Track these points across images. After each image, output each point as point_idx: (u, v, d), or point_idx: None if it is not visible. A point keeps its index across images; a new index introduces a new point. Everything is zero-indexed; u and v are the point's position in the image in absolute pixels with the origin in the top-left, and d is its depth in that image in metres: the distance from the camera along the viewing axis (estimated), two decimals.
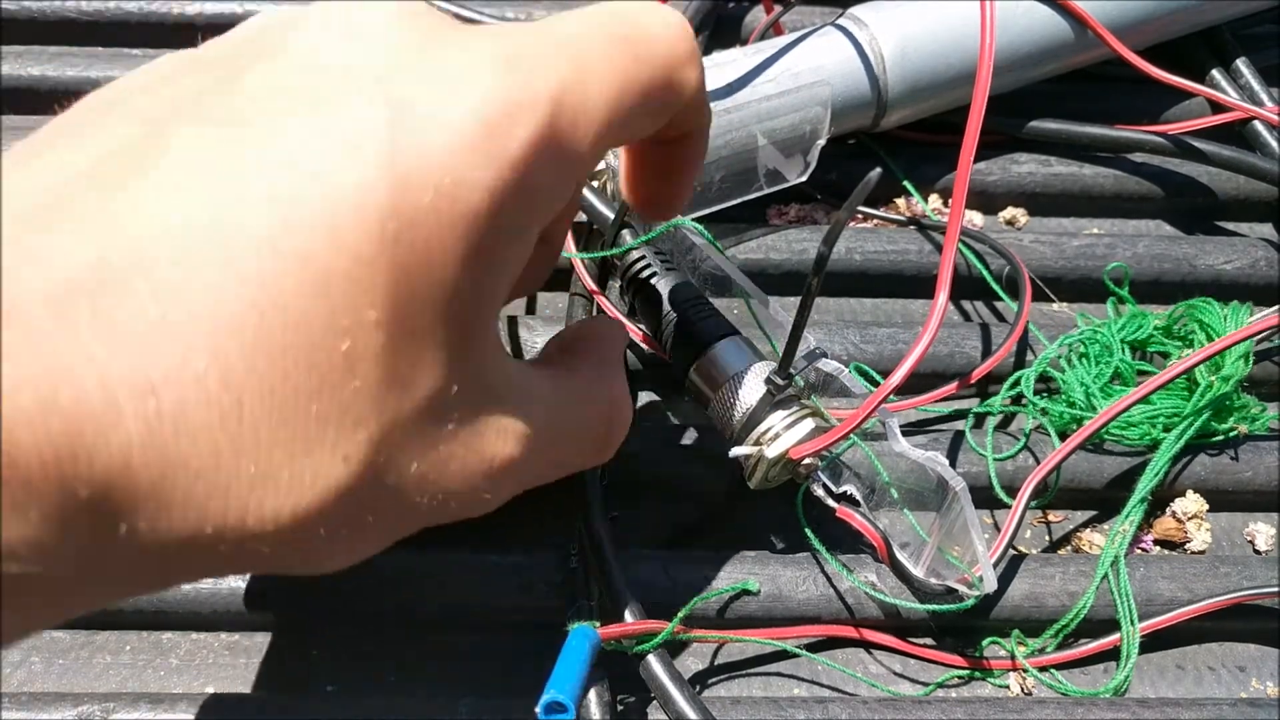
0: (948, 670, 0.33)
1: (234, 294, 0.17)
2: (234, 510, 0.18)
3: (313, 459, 0.18)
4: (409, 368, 0.19)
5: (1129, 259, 0.42)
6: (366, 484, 0.19)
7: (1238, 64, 0.48)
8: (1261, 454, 0.37)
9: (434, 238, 0.19)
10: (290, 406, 0.18)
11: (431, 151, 0.19)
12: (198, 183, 0.18)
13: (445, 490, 0.21)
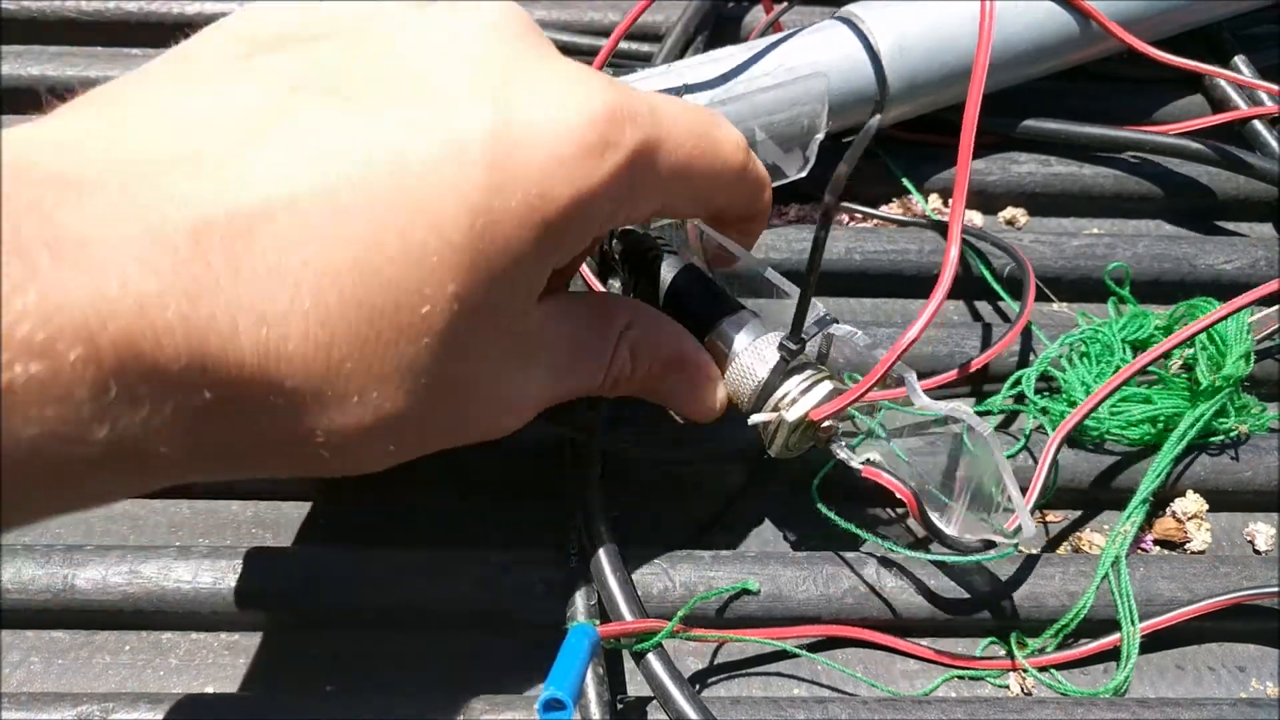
0: (948, 670, 0.33)
1: (340, 253, 0.21)
2: (313, 420, 0.22)
3: (381, 391, 0.22)
4: (469, 333, 0.23)
5: (1129, 259, 0.42)
6: (416, 416, 0.23)
7: (1237, 63, 0.48)
8: (1261, 454, 0.37)
9: (513, 236, 0.22)
10: (371, 349, 0.22)
11: (527, 163, 0.22)
12: (321, 151, 0.21)
13: (473, 421, 0.26)
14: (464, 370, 0.24)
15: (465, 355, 0.24)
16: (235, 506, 0.37)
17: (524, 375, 0.26)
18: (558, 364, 0.28)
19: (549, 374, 0.27)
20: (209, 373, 0.20)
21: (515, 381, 0.26)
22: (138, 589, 0.32)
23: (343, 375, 0.21)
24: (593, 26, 0.50)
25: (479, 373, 0.25)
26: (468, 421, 0.26)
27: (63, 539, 0.35)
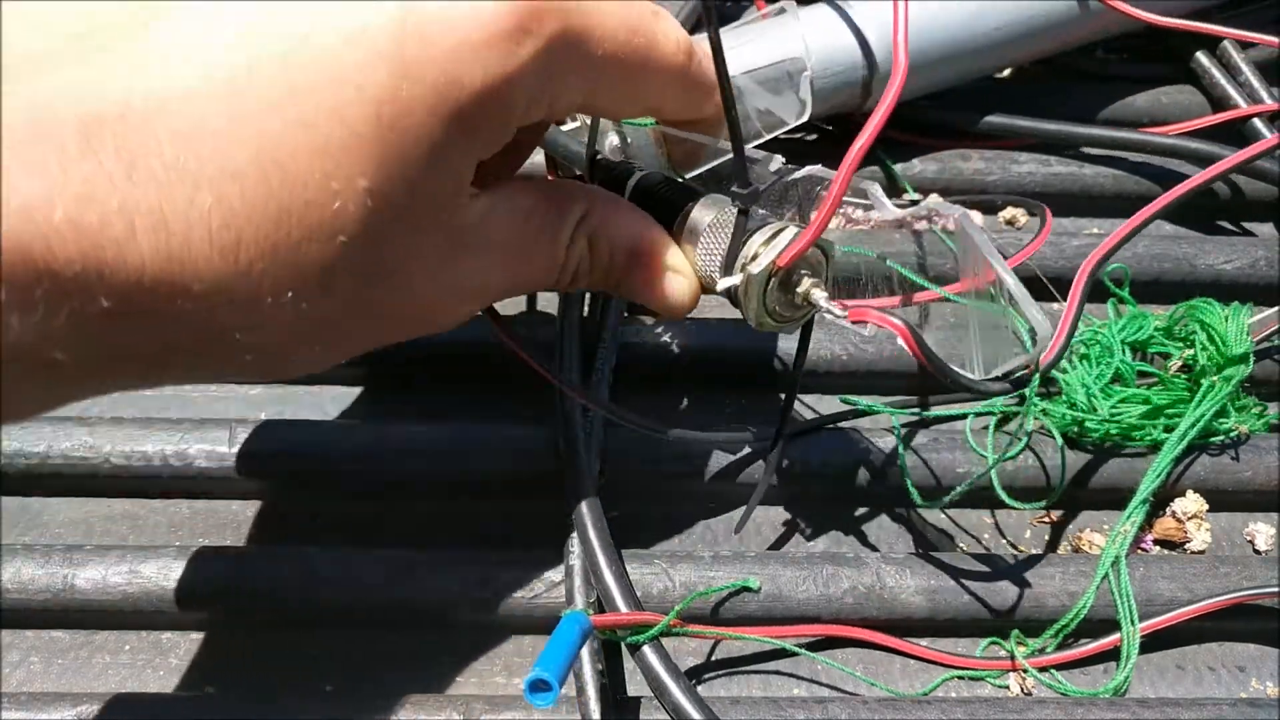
0: (947, 670, 0.33)
1: (240, 148, 0.20)
2: (228, 323, 0.21)
3: (297, 291, 0.21)
4: (391, 228, 0.22)
5: (1129, 259, 0.42)
6: (339, 314, 0.23)
7: (1237, 61, 0.48)
8: (1261, 454, 0.37)
9: (425, 124, 0.21)
10: (283, 249, 0.20)
11: (435, 48, 0.21)
12: (217, 39, 0.20)
13: (410, 318, 0.25)
14: (391, 266, 0.23)
15: (390, 250, 0.23)
16: (235, 506, 0.37)
17: (467, 268, 0.26)
18: (506, 256, 0.26)
19: (498, 266, 0.26)
20: (106, 279, 0.19)
21: (457, 275, 0.25)
22: (137, 589, 0.32)
23: (254, 277, 0.20)
24: None
25: (410, 268, 0.24)
26: (403, 318, 0.25)
27: (62, 539, 0.35)
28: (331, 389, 0.40)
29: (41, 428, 0.36)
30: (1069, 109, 0.47)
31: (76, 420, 0.37)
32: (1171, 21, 0.44)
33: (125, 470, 0.36)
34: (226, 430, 0.36)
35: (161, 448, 0.36)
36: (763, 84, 0.40)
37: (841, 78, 0.43)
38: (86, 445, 0.36)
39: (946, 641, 0.34)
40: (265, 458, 0.35)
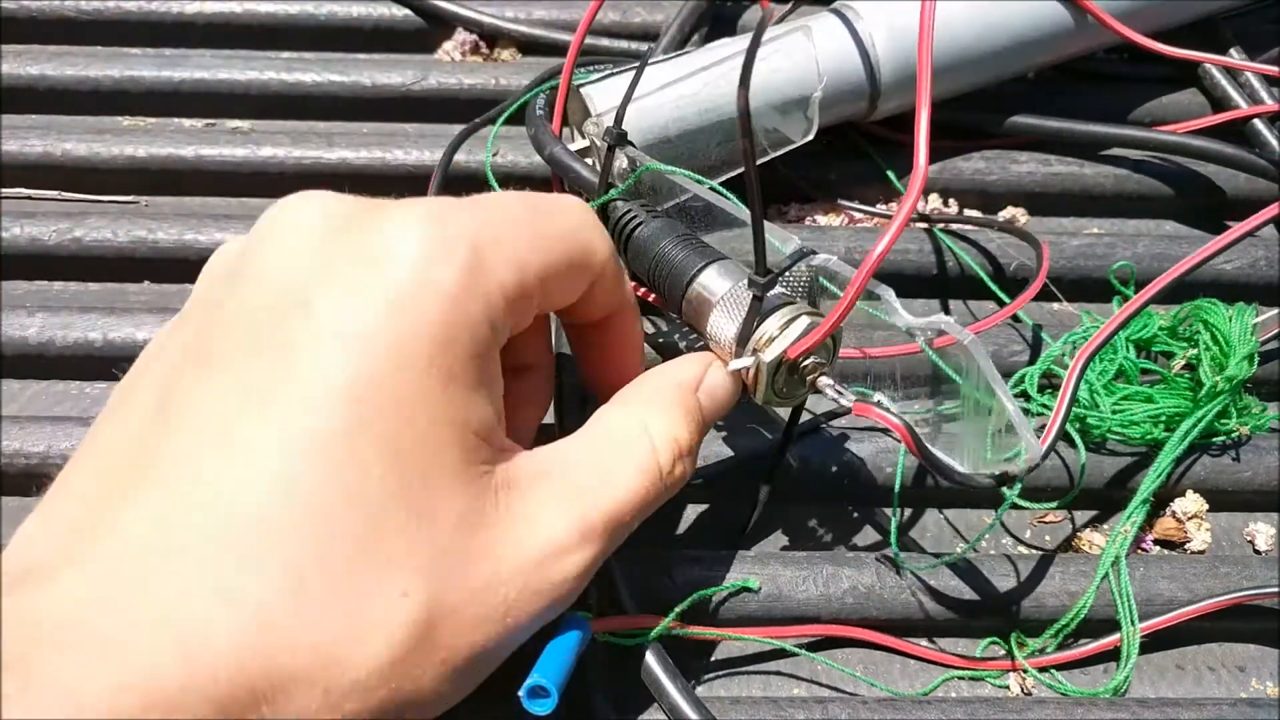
0: (947, 670, 0.33)
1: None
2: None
3: (375, 607, 0.21)
4: (427, 502, 0.22)
5: (1129, 258, 0.42)
6: (432, 615, 0.22)
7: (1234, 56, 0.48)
8: (1261, 454, 0.37)
9: (404, 396, 0.22)
10: (344, 576, 0.21)
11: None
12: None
13: (510, 596, 0.23)
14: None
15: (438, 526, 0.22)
16: None
17: (526, 517, 0.24)
18: (584, 486, 0.25)
19: (570, 505, 0.25)
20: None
21: (521, 526, 0.24)
22: None
23: (330, 617, 0.21)
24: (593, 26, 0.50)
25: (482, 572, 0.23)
26: (500, 600, 0.23)
27: None
28: None
29: (42, 427, 0.36)
30: (1070, 109, 0.47)
31: (77, 420, 0.37)
32: (1175, 51, 0.44)
33: None
34: None
35: None
36: (773, 105, 0.40)
37: (848, 91, 0.43)
38: None
39: (946, 642, 0.34)
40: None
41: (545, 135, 0.39)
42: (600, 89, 0.39)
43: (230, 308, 0.23)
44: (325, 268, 0.22)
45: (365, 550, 0.21)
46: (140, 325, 0.39)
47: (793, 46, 0.41)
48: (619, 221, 0.33)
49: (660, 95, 0.39)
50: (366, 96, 0.47)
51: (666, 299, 0.32)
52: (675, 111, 0.39)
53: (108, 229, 0.42)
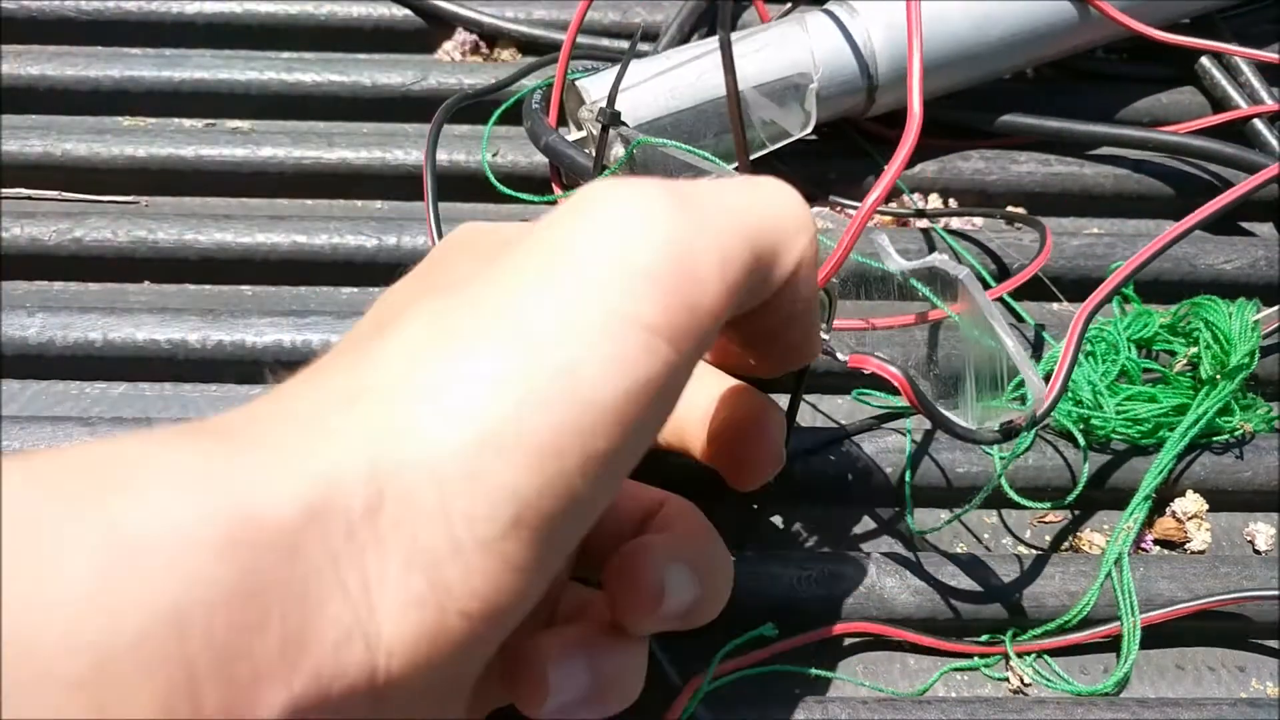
0: (946, 661, 0.33)
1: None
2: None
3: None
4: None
5: (1129, 258, 0.42)
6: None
7: (1237, 61, 0.48)
8: (1261, 454, 0.37)
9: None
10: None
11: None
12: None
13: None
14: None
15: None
16: None
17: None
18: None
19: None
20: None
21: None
22: None
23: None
24: (592, 26, 0.50)
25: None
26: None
27: None
28: None
29: (42, 428, 0.36)
30: (1069, 108, 0.47)
31: (77, 420, 0.37)
32: (1174, 38, 0.44)
33: None
34: None
35: None
36: (769, 96, 0.40)
37: (846, 86, 0.42)
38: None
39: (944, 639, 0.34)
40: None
41: (541, 127, 0.39)
42: (594, 81, 0.39)
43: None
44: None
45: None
46: (140, 325, 0.39)
47: (785, 37, 0.41)
48: None
49: (655, 85, 0.39)
50: (366, 96, 0.47)
51: None
52: (670, 101, 0.39)
53: (108, 229, 0.42)
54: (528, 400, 0.17)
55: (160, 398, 0.39)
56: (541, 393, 0.17)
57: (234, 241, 0.42)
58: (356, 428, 0.17)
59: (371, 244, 0.42)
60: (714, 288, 0.19)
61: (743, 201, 0.21)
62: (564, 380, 0.17)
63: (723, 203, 0.20)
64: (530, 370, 0.17)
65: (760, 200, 0.22)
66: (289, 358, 0.39)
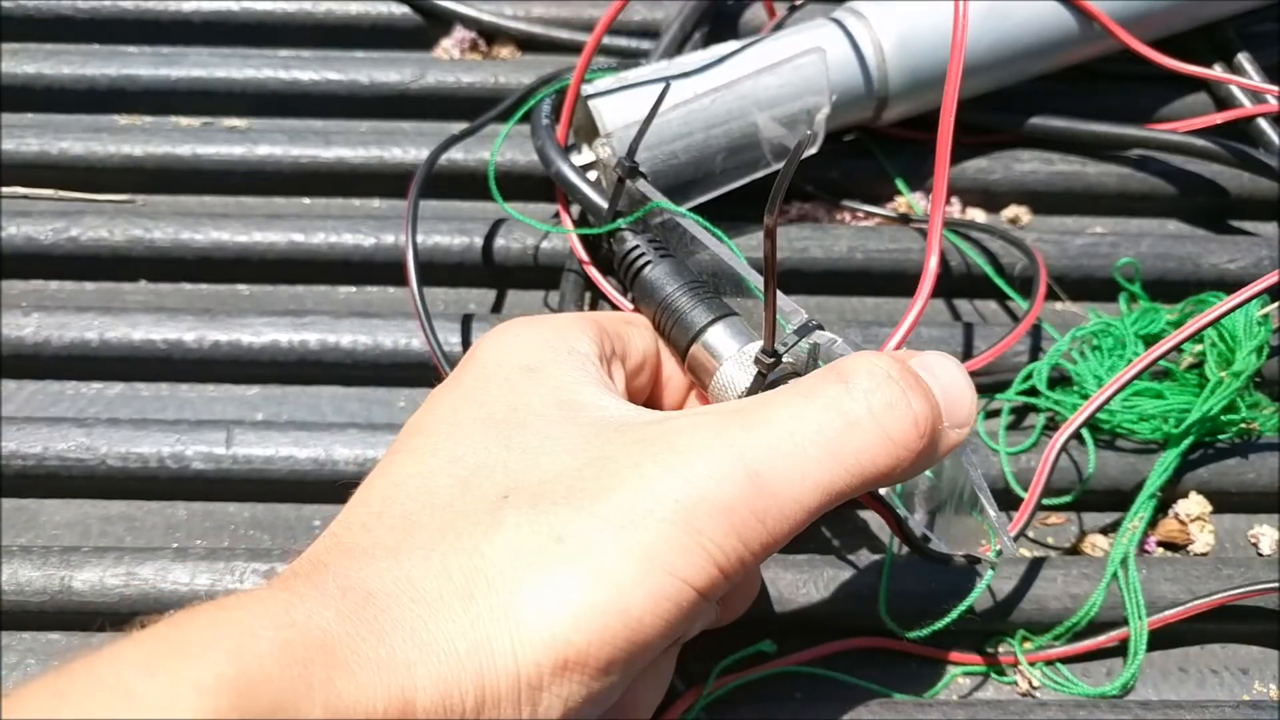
0: (953, 668, 0.33)
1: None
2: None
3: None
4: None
5: (1132, 257, 0.42)
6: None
7: (1241, 61, 0.48)
8: (1266, 456, 0.37)
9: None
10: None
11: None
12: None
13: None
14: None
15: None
16: (232, 508, 0.36)
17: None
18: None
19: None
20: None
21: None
22: (134, 591, 0.32)
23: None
24: (592, 24, 0.49)
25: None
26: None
27: (59, 540, 0.35)
28: (328, 389, 0.39)
29: (38, 428, 0.36)
30: (1072, 108, 0.46)
31: (73, 421, 0.36)
32: (1183, 67, 0.43)
33: (122, 472, 0.35)
34: (224, 432, 0.36)
35: (158, 449, 0.36)
36: (781, 120, 0.40)
37: (856, 99, 0.42)
38: (83, 446, 0.36)
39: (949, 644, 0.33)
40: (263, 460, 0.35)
41: (551, 150, 0.38)
42: (609, 103, 0.38)
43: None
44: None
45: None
46: (137, 325, 0.39)
47: (807, 68, 0.40)
48: (626, 256, 0.33)
49: (668, 113, 0.38)
50: (364, 94, 0.47)
51: (670, 341, 0.32)
52: (682, 128, 0.38)
53: (104, 228, 0.42)
54: (597, 637, 0.22)
55: (157, 398, 0.39)
56: (609, 631, 0.22)
57: (231, 240, 0.41)
58: (471, 630, 0.21)
59: (369, 243, 0.42)
60: (755, 559, 0.23)
61: (826, 458, 0.24)
62: (625, 624, 0.22)
63: (801, 478, 0.23)
64: (603, 610, 0.22)
65: (851, 448, 0.24)
66: (285, 358, 0.39)
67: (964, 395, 0.26)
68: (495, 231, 0.42)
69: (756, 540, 0.23)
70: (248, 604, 0.21)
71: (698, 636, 0.28)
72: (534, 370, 0.26)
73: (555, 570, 0.22)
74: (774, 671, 0.32)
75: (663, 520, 0.22)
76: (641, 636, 0.22)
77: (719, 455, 0.23)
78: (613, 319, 0.30)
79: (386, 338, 0.39)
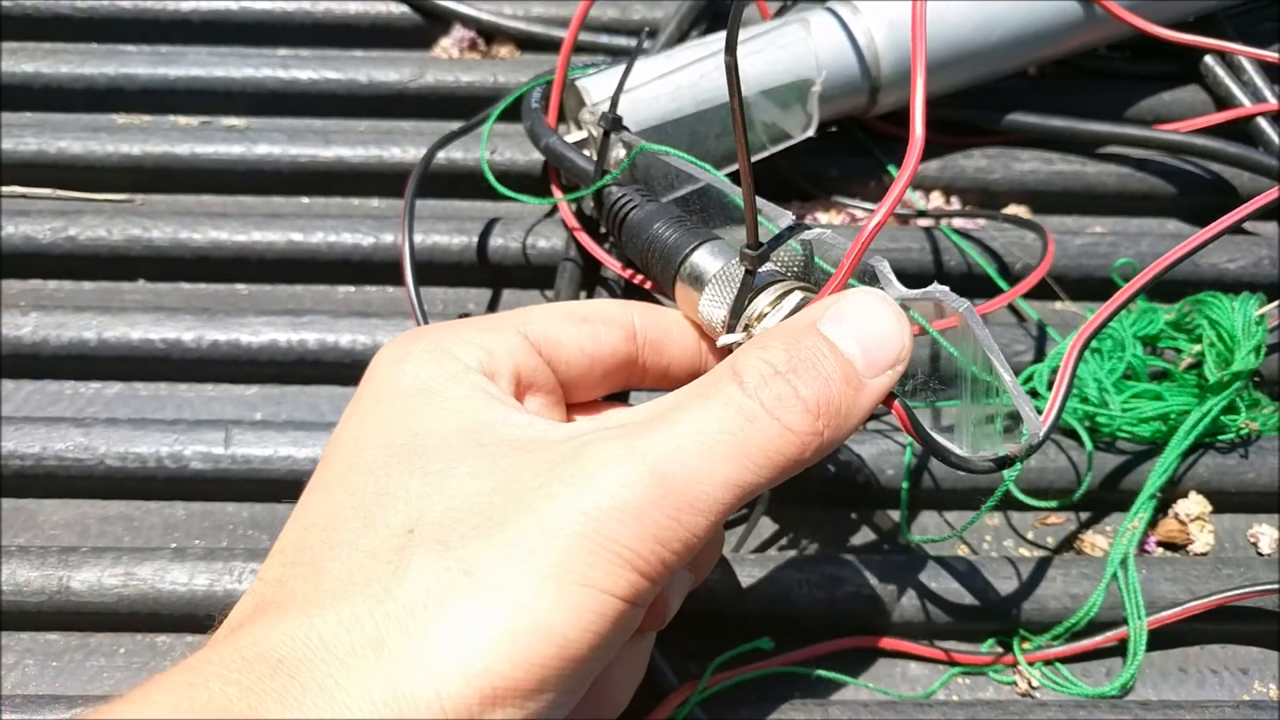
0: (951, 668, 0.33)
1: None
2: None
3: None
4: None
5: (1132, 257, 0.42)
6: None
7: (1240, 59, 0.48)
8: (1265, 455, 0.36)
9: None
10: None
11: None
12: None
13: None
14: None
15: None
16: (230, 508, 0.36)
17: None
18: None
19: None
20: None
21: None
22: (133, 591, 0.32)
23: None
24: (591, 22, 0.49)
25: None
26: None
27: (57, 541, 0.35)
28: (327, 389, 0.39)
29: (36, 429, 0.36)
30: (1072, 107, 0.46)
31: (72, 421, 0.36)
32: (1179, 36, 0.43)
33: (120, 471, 0.35)
34: (222, 431, 0.36)
35: (157, 449, 0.36)
36: (772, 99, 0.40)
37: (849, 86, 0.42)
38: (82, 446, 0.35)
39: (948, 644, 0.33)
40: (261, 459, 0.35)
41: (541, 127, 0.39)
42: (595, 81, 0.39)
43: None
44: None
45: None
46: (135, 324, 0.39)
47: (789, 39, 0.40)
48: (613, 206, 0.33)
49: (656, 86, 0.39)
50: (363, 93, 0.47)
51: (659, 281, 0.31)
52: (671, 103, 0.39)
53: (102, 227, 0.41)
54: (522, 662, 0.22)
55: (155, 398, 0.39)
56: (533, 654, 0.22)
57: (229, 240, 0.41)
58: (387, 682, 0.21)
59: (368, 242, 0.42)
60: (678, 559, 0.23)
61: (732, 455, 0.24)
62: (549, 644, 0.22)
63: (710, 475, 0.23)
64: (524, 634, 0.22)
65: (754, 443, 0.24)
66: (284, 357, 0.39)
67: (887, 339, 0.25)
68: (493, 230, 0.42)
69: (675, 539, 0.23)
70: (151, 695, 0.21)
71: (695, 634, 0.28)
72: (431, 394, 0.26)
73: (468, 604, 0.22)
74: (772, 671, 0.32)
75: (572, 535, 0.22)
76: (570, 653, 0.22)
77: (624, 463, 0.23)
78: (546, 318, 0.29)
79: (385, 337, 0.39)
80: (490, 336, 0.27)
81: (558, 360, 0.28)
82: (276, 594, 0.23)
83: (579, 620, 0.22)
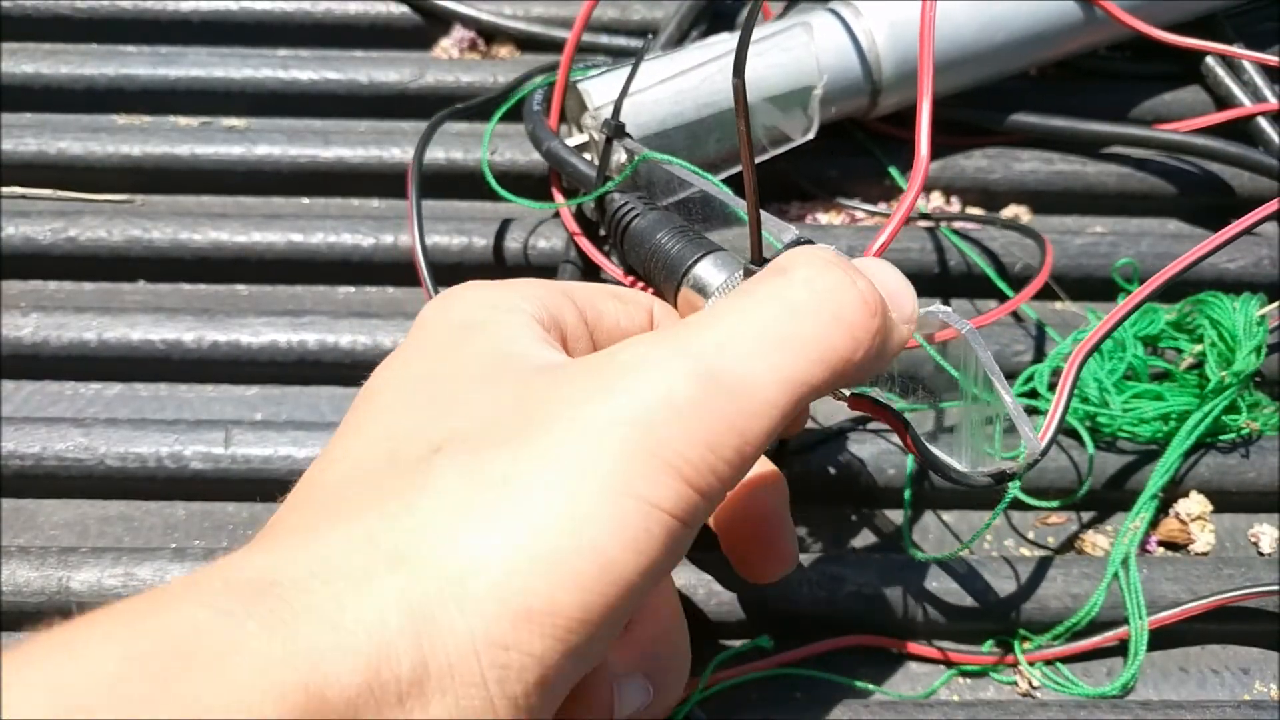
0: (951, 668, 0.33)
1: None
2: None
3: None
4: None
5: (1132, 257, 0.42)
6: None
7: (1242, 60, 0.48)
8: (1266, 455, 0.36)
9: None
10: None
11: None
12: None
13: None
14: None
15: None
16: (230, 508, 0.36)
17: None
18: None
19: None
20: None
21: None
22: (133, 591, 0.32)
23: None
24: (591, 22, 0.49)
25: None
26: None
27: (57, 541, 0.35)
28: (327, 389, 0.39)
29: (36, 428, 0.36)
30: (1072, 107, 0.46)
31: (72, 421, 0.36)
32: (1179, 39, 0.43)
33: (120, 472, 0.35)
34: (222, 431, 0.36)
35: (157, 449, 0.35)
36: (773, 102, 0.40)
37: (850, 88, 0.42)
38: (81, 446, 0.35)
39: (949, 645, 0.33)
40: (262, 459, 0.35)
41: (542, 131, 0.39)
42: (597, 84, 0.39)
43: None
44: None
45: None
46: (135, 325, 0.39)
47: (791, 42, 0.40)
48: (616, 213, 0.33)
49: (658, 90, 0.39)
50: (363, 94, 0.47)
51: (661, 291, 0.31)
52: (673, 107, 0.39)
53: (102, 228, 0.41)
54: (565, 582, 0.19)
55: (155, 398, 0.39)
56: (577, 574, 0.19)
57: (230, 240, 0.41)
58: (403, 597, 0.18)
59: (368, 243, 0.42)
60: (730, 471, 0.21)
61: (785, 346, 0.22)
62: (595, 562, 0.19)
63: (764, 371, 0.21)
64: (567, 550, 0.19)
65: (807, 333, 0.22)
66: (284, 358, 0.39)
67: (905, 293, 0.25)
68: (493, 231, 0.42)
69: (727, 445, 0.21)
70: (100, 621, 0.18)
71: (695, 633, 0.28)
72: (472, 327, 0.24)
73: (503, 513, 0.19)
74: (772, 672, 0.32)
75: (618, 439, 0.20)
76: (615, 574, 0.19)
77: (670, 361, 0.21)
78: (589, 290, 0.28)
79: (386, 338, 0.39)
80: (540, 289, 0.26)
81: (599, 331, 0.27)
82: (277, 523, 0.21)
83: (625, 538, 0.19)
